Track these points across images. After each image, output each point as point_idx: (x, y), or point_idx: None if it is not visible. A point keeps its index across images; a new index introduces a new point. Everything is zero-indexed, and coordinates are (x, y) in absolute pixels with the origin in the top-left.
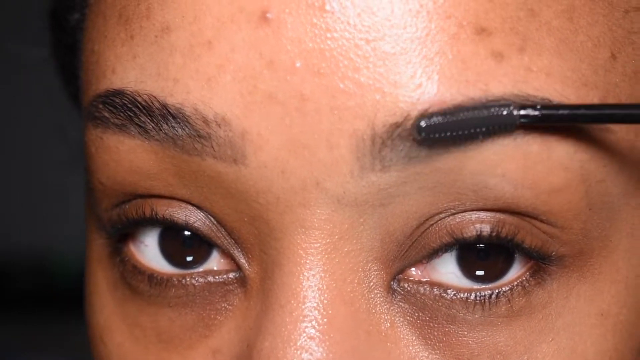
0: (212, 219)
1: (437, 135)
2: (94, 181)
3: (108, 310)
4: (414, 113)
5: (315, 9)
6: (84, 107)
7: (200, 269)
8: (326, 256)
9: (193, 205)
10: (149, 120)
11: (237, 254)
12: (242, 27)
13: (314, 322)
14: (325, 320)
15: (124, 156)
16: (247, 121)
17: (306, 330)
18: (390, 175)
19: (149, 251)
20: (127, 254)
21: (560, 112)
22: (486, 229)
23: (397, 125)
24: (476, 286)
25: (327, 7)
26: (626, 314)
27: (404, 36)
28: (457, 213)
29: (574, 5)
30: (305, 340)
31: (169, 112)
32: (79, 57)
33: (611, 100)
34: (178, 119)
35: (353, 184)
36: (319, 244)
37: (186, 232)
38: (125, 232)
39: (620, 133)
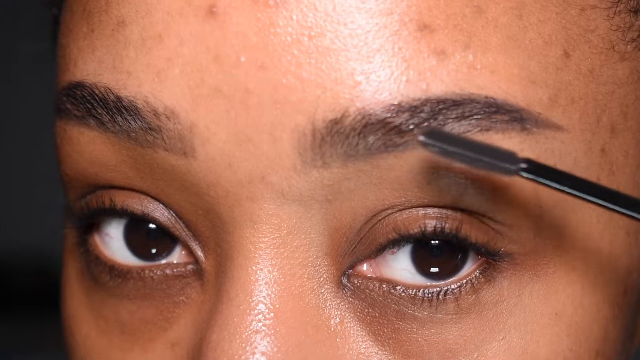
0: (170, 211)
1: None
2: (60, 172)
3: (76, 300)
4: (352, 109)
5: (260, 3)
6: (55, 100)
7: (164, 262)
8: (275, 250)
9: (151, 197)
10: (105, 113)
11: (195, 247)
12: (190, 21)
13: (260, 316)
14: (272, 314)
15: (85, 147)
16: (195, 114)
17: (252, 323)
18: (332, 171)
19: (113, 243)
20: (92, 245)
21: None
22: (431, 224)
23: (335, 121)
24: (427, 283)
25: (271, 2)
26: (582, 315)
27: (344, 32)
28: (405, 209)
29: (524, 2)
30: (251, 334)
31: (122, 104)
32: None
33: (563, 98)
34: (131, 112)
35: (297, 179)
36: (267, 239)
37: (151, 225)
38: (91, 223)
39: (574, 132)
